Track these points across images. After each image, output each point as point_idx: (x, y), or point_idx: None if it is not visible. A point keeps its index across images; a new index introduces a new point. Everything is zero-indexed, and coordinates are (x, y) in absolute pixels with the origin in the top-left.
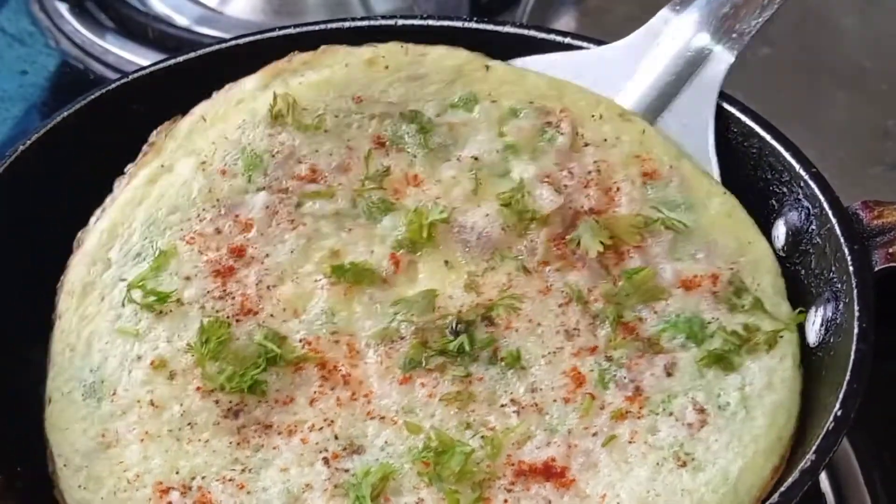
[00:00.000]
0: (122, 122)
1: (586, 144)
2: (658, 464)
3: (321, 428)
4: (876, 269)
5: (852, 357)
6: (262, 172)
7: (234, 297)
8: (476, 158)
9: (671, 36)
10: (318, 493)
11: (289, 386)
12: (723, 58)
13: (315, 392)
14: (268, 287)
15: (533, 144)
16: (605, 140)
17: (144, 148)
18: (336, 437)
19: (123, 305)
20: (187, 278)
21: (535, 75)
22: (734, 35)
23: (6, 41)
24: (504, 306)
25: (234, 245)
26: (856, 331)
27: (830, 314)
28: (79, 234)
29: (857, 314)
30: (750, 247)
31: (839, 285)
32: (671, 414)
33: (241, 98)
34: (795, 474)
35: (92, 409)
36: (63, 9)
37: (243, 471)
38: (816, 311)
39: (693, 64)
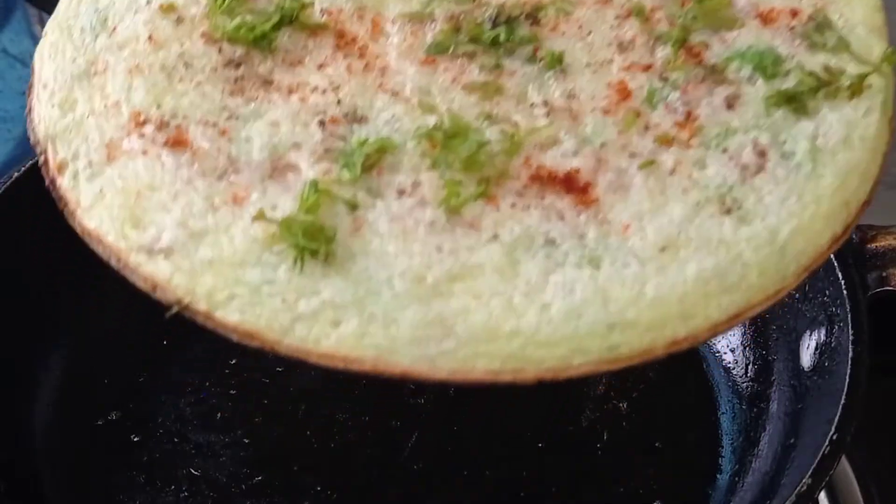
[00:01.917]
0: None
1: None
2: (698, 204)
3: (325, 91)
4: (870, 292)
5: (847, 381)
6: None
7: None
8: None
9: None
10: (306, 153)
11: (300, 49)
12: None
13: (326, 58)
14: None
15: None
16: None
17: None
18: (339, 103)
19: None
20: None
21: None
22: None
23: (8, 62)
24: (555, 7)
25: None
26: (850, 354)
27: (825, 338)
28: None
29: (851, 338)
30: None
31: (833, 309)
32: (725, 150)
33: None
34: (792, 498)
35: (88, 41)
36: None
37: (229, 118)
38: (811, 335)
39: None
